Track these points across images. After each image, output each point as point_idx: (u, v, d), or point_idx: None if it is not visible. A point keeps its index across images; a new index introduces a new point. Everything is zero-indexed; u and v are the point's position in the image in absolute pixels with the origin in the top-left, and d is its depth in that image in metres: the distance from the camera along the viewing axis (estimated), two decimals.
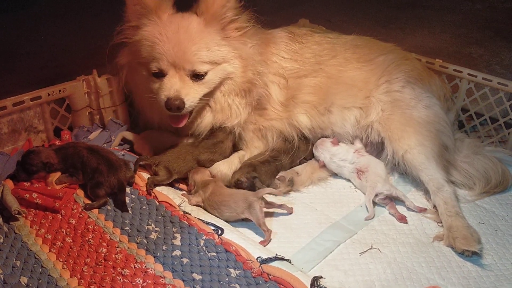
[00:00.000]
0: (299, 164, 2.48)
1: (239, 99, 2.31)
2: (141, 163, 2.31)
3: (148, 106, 2.39)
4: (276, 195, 2.25)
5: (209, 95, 2.26)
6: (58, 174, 2.18)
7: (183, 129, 2.37)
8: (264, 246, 1.98)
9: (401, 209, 2.22)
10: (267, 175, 2.29)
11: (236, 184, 2.24)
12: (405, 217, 2.18)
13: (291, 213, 2.20)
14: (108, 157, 2.19)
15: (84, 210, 2.07)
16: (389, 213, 2.22)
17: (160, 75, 2.17)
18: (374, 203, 2.23)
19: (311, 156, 2.52)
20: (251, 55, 2.24)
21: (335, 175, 2.48)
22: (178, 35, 2.11)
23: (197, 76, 2.16)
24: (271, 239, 2.02)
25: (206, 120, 2.34)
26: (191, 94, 2.15)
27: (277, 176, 2.33)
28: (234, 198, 2.09)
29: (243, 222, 2.11)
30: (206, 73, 2.16)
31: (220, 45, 2.16)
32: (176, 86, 2.13)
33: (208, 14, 2.13)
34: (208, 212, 2.14)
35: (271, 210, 2.18)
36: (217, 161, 2.36)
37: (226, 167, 2.34)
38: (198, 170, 2.29)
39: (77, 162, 2.16)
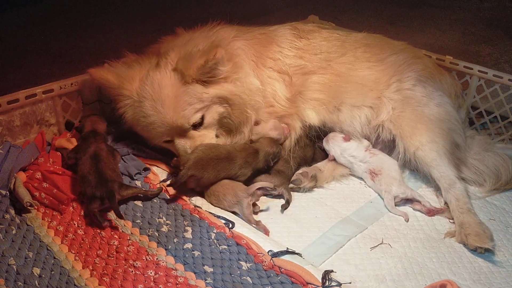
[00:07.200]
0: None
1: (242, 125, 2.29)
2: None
3: None
4: (270, 190, 2.21)
5: (224, 125, 2.27)
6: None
7: None
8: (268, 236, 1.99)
9: (406, 209, 2.21)
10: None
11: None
12: (433, 209, 2.17)
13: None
14: (103, 171, 2.04)
15: None
16: (413, 209, 2.20)
17: (169, 141, 2.23)
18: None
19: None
20: (240, 93, 2.20)
21: None
22: (160, 103, 2.10)
23: (197, 126, 2.18)
24: (269, 230, 2.02)
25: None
26: (202, 141, 2.19)
27: (300, 171, 2.32)
28: (224, 190, 2.10)
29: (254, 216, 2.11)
30: (202, 118, 2.18)
31: (202, 96, 2.13)
32: (187, 145, 2.18)
33: (187, 73, 2.08)
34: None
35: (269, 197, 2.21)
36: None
37: None
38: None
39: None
